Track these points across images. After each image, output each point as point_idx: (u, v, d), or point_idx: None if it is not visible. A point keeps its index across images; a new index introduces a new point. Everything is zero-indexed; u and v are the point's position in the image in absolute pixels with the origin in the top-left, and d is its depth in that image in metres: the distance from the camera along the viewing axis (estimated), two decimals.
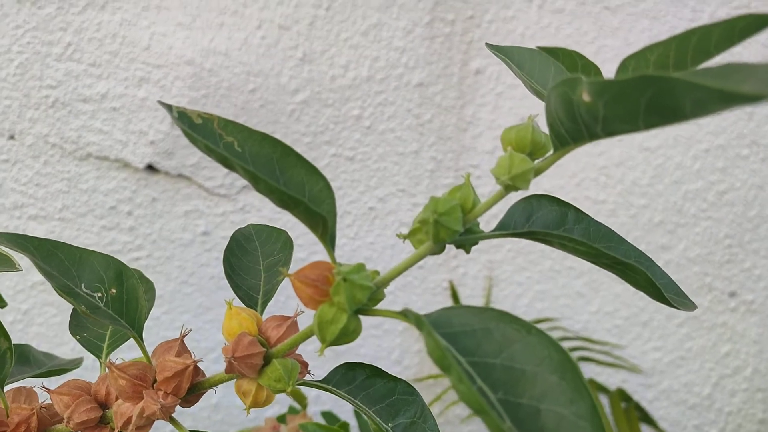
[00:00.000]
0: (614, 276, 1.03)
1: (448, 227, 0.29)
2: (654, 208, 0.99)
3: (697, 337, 1.02)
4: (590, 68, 0.31)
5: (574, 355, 0.98)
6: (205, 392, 0.35)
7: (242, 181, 0.87)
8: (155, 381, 0.34)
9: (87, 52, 0.82)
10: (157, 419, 0.34)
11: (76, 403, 0.36)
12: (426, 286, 0.96)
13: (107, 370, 0.37)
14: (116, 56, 0.82)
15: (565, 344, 0.98)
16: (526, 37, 0.93)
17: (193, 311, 0.88)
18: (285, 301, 0.82)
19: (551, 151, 0.30)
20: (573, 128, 0.26)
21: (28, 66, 0.81)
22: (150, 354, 0.35)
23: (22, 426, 0.37)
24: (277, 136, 0.88)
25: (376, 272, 0.32)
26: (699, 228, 1.01)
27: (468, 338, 0.27)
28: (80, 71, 0.82)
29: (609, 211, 0.98)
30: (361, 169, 0.90)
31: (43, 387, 0.37)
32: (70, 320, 0.41)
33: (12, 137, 0.82)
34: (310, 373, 0.35)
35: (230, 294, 0.94)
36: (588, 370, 1.00)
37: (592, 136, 0.26)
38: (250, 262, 0.38)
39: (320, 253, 0.91)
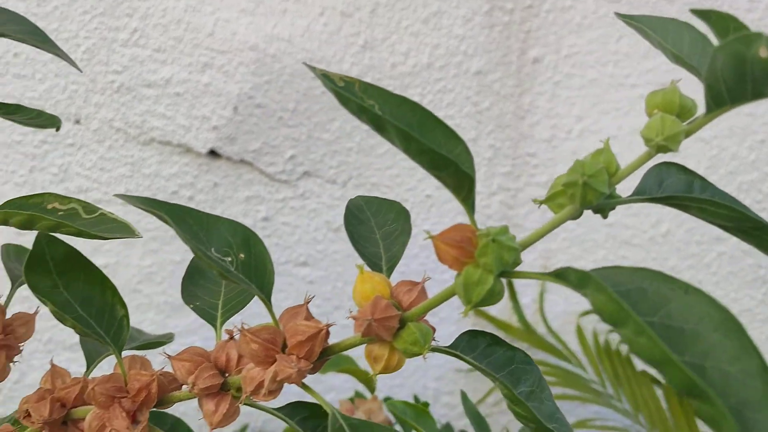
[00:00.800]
0: (668, 265, 1.03)
1: (596, 189, 0.30)
2: None
3: (752, 330, 1.01)
4: (743, 32, 0.30)
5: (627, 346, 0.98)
6: (329, 359, 0.36)
7: (303, 167, 0.87)
8: (284, 346, 0.34)
9: (152, 37, 0.82)
10: (291, 383, 0.34)
11: (199, 369, 0.36)
12: None
13: (226, 335, 0.38)
14: (180, 42, 0.83)
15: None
16: (583, 27, 0.93)
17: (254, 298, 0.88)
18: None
19: (699, 114, 0.30)
20: (737, 87, 0.26)
21: (95, 51, 0.82)
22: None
23: (143, 392, 0.37)
24: (338, 123, 0.88)
25: (514, 236, 0.32)
26: None
27: (623, 298, 0.27)
28: (145, 57, 0.82)
29: None
30: None
31: (164, 353, 0.37)
32: (182, 290, 0.41)
33: (78, 122, 0.83)
34: (435, 340, 0.35)
35: (287, 280, 0.93)
36: (642, 363, 1.00)
37: (756, 96, 0.26)
38: (365, 231, 0.39)
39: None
